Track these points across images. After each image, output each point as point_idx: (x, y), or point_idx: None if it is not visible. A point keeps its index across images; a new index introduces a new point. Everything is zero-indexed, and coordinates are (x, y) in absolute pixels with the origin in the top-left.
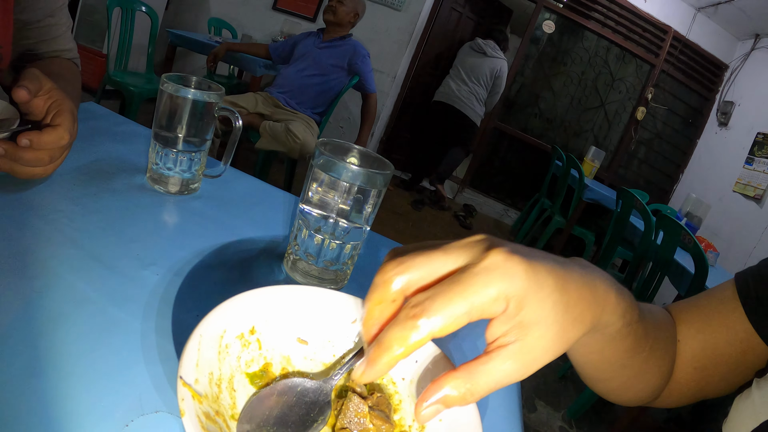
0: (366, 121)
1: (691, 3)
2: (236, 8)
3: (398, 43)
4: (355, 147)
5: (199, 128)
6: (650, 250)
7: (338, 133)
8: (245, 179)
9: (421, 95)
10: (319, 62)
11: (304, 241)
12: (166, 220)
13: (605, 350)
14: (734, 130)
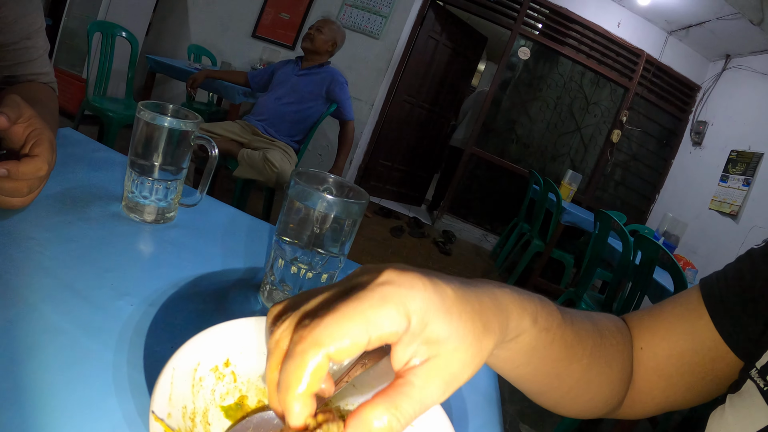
0: (343, 149)
1: (662, 27)
2: (216, 35)
3: (376, 71)
4: (330, 176)
5: (176, 156)
6: (629, 270)
7: (317, 161)
8: (222, 208)
9: (398, 123)
10: (298, 90)
11: (280, 270)
12: (141, 249)
13: (532, 361)
14: (708, 149)
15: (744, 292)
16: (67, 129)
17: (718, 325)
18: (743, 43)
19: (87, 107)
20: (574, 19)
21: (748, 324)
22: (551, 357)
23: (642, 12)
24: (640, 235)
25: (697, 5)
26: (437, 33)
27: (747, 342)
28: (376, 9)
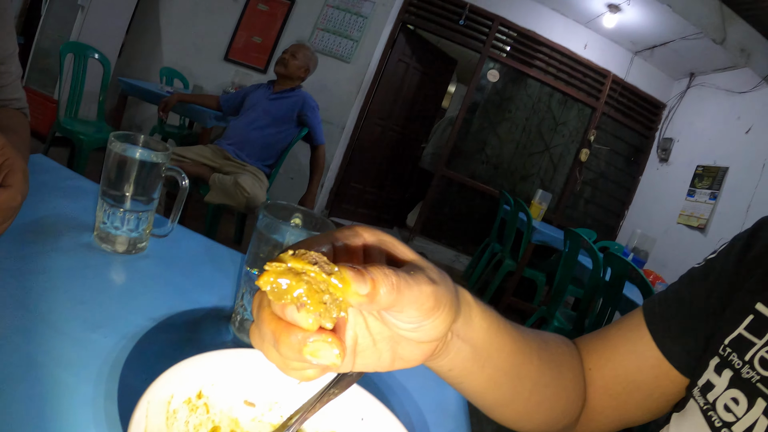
0: (315, 173)
1: (628, 48)
2: (188, 58)
3: (347, 95)
4: (299, 208)
5: (147, 187)
6: (600, 287)
7: (288, 184)
8: (193, 237)
9: (369, 146)
10: (269, 113)
11: (251, 301)
12: (114, 280)
13: (492, 356)
14: (675, 164)
15: (683, 310)
16: (38, 156)
17: (659, 344)
18: (706, 61)
19: (58, 129)
20: (541, 41)
21: (688, 342)
22: (506, 350)
23: (608, 34)
24: (609, 253)
25: (661, 26)
26: (407, 56)
27: (689, 359)
28: (347, 33)
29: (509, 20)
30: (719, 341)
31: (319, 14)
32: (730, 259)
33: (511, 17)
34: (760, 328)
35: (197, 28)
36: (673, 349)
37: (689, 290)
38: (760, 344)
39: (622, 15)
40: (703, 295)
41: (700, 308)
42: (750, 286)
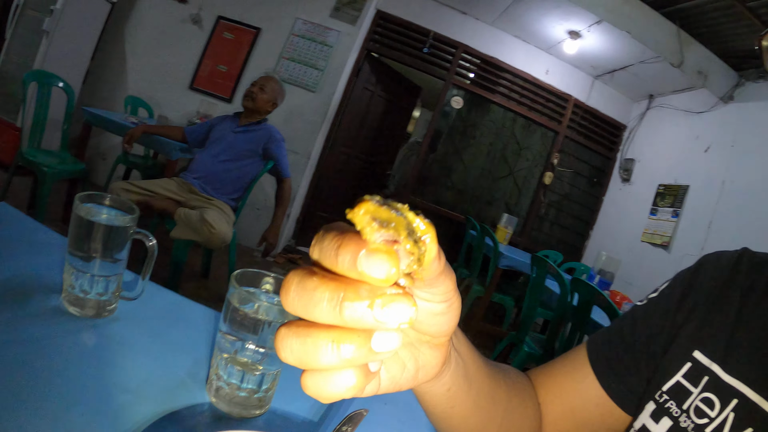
0: (280, 206)
1: (588, 72)
2: (153, 86)
3: (312, 124)
4: (271, 275)
5: (115, 250)
6: (567, 311)
7: (254, 216)
8: (163, 295)
9: (335, 174)
10: (235, 147)
11: (226, 368)
12: (87, 348)
13: (474, 381)
14: (637, 184)
15: (626, 350)
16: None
17: (603, 383)
18: (665, 83)
19: (21, 159)
20: (504, 68)
21: (630, 382)
22: (483, 371)
23: (569, 59)
24: (576, 279)
25: (620, 51)
26: (372, 84)
27: (633, 399)
28: (313, 62)
29: (472, 47)
30: (656, 387)
31: (285, 43)
32: (671, 300)
33: (475, 45)
34: (697, 376)
35: (162, 56)
36: (616, 388)
37: (631, 330)
38: (696, 392)
39: (582, 41)
40: (645, 336)
41: (642, 350)
42: (689, 332)
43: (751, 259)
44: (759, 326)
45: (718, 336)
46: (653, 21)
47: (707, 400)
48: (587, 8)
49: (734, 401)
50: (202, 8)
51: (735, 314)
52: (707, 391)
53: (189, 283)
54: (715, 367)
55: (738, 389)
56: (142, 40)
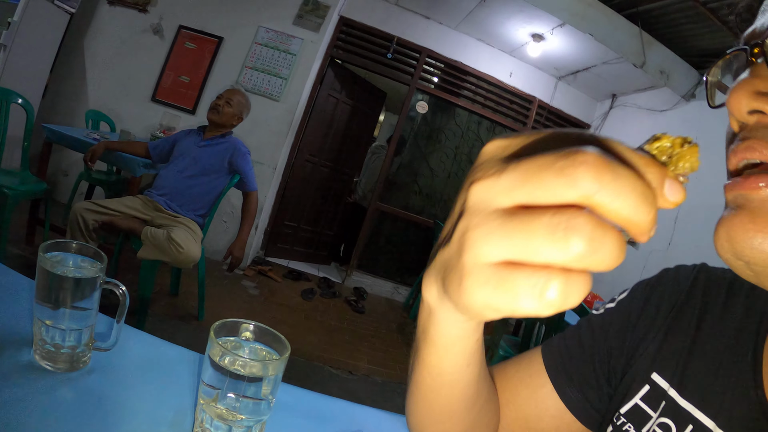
0: (246, 219)
1: (552, 74)
2: (115, 100)
3: (277, 134)
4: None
5: (84, 300)
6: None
7: (221, 228)
8: (137, 339)
9: (301, 183)
10: (199, 162)
11: (212, 422)
12: (62, 406)
13: (476, 356)
14: None
15: (585, 361)
16: None
17: (561, 395)
18: (627, 83)
19: None
20: (468, 71)
21: (590, 395)
22: (481, 359)
23: (532, 62)
24: None
25: (583, 53)
26: (337, 91)
27: (592, 412)
28: (276, 71)
29: (436, 52)
30: (614, 409)
31: (248, 52)
32: (630, 314)
33: (438, 49)
34: (656, 400)
35: (123, 68)
36: (576, 400)
37: (590, 341)
38: (654, 417)
39: (545, 43)
40: (605, 350)
41: (603, 363)
42: (648, 352)
43: (708, 278)
44: (713, 351)
45: (676, 359)
46: (615, 23)
47: (664, 425)
48: (550, 12)
49: (689, 427)
50: (163, 18)
51: (691, 338)
52: (665, 416)
53: (159, 302)
54: (672, 392)
55: (693, 415)
56: (101, 51)
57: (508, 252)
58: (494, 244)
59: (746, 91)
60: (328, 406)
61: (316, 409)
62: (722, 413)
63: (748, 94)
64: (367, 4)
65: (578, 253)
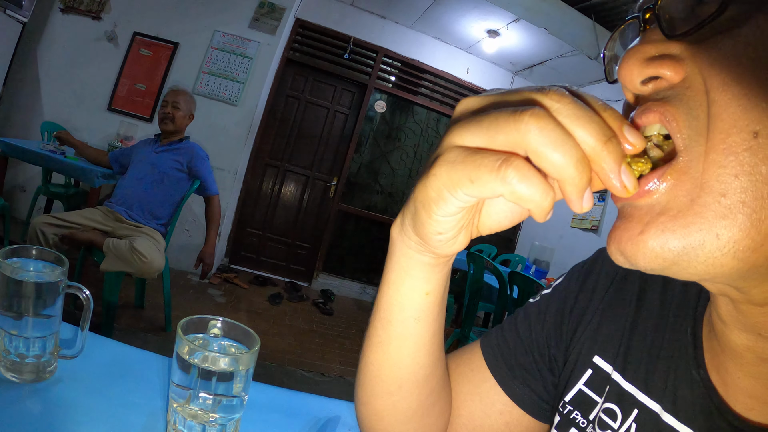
0: (212, 225)
1: (508, 69)
2: (70, 110)
3: (237, 139)
4: (219, 320)
5: (48, 307)
6: (508, 304)
7: (185, 237)
8: (103, 345)
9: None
10: (158, 167)
11: (185, 422)
12: (32, 417)
13: (441, 311)
14: None
15: (524, 351)
16: None
17: (506, 389)
18: (583, 75)
19: None
20: (425, 69)
21: (536, 386)
22: (432, 326)
23: (488, 58)
24: (513, 272)
25: (538, 47)
26: (299, 91)
27: (541, 403)
28: (233, 75)
29: (393, 51)
30: (560, 397)
31: (204, 57)
32: (567, 297)
33: (395, 48)
34: (600, 384)
35: (78, 77)
36: (521, 394)
37: (527, 331)
38: (600, 402)
39: (501, 39)
40: (543, 337)
41: (542, 352)
42: (587, 335)
43: None
44: (654, 330)
45: (617, 341)
46: (569, 16)
47: (609, 411)
48: (505, 7)
49: (635, 411)
50: (117, 25)
51: (632, 317)
52: (610, 401)
53: (124, 315)
54: (616, 375)
55: (637, 398)
56: (55, 61)
57: (465, 170)
58: (457, 160)
59: (636, 59)
60: (303, 401)
61: (290, 405)
62: (667, 396)
63: (639, 61)
64: (323, 6)
65: (510, 180)
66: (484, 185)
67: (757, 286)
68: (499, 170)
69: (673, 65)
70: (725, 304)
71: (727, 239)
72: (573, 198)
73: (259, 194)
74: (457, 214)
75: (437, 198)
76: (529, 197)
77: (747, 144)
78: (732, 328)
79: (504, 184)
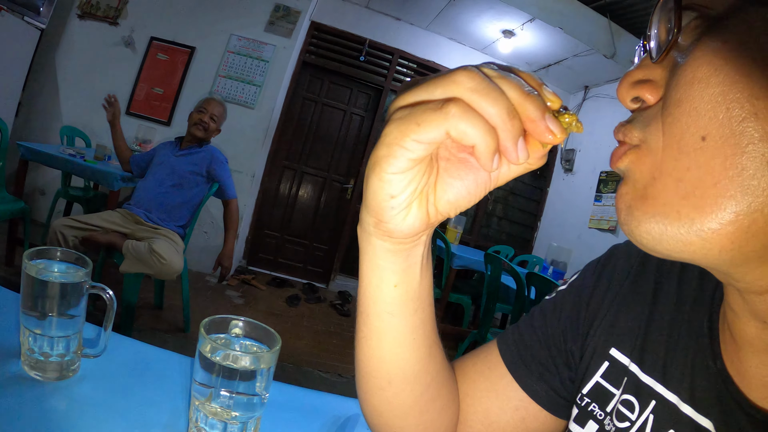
0: (229, 229)
1: (524, 68)
2: (88, 114)
3: (254, 141)
4: (240, 319)
5: (72, 307)
6: (526, 305)
7: (203, 240)
8: (126, 345)
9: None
10: (177, 171)
11: (206, 420)
12: (55, 416)
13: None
14: (579, 173)
15: (540, 347)
16: None
17: (523, 386)
18: (599, 74)
19: None
20: (441, 70)
21: (552, 382)
22: (429, 318)
23: (504, 58)
24: (531, 273)
25: (553, 47)
26: (315, 94)
27: (557, 399)
28: (250, 78)
29: (409, 53)
30: (577, 389)
31: (221, 61)
32: (582, 292)
33: (410, 50)
34: (617, 377)
35: (96, 82)
36: (539, 390)
37: (543, 326)
38: (618, 394)
39: (516, 39)
40: (559, 331)
41: (558, 347)
42: (604, 328)
43: None
44: (671, 322)
45: (634, 333)
46: (584, 15)
47: (627, 402)
48: (520, 7)
49: (652, 402)
50: (134, 30)
51: (648, 310)
52: (627, 392)
53: (144, 316)
54: (633, 367)
55: (655, 389)
56: (74, 66)
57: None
58: (403, 115)
59: (626, 82)
60: (322, 401)
61: (309, 404)
62: (684, 386)
63: (628, 84)
64: (338, 8)
65: (454, 115)
66: (429, 125)
67: (749, 273)
68: (443, 108)
69: (650, 89)
70: (733, 293)
71: (687, 217)
72: (508, 145)
73: (277, 196)
74: (408, 171)
75: (386, 155)
76: (473, 133)
77: (697, 145)
78: (742, 317)
79: (448, 119)
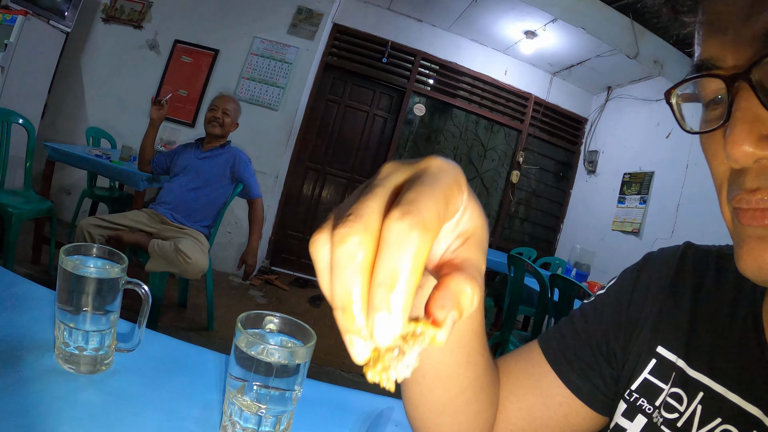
0: (254, 228)
1: (546, 69)
2: (114, 116)
3: (278, 143)
4: (275, 315)
5: (107, 302)
6: (549, 307)
7: (227, 239)
8: (159, 341)
9: (305, 192)
10: (202, 173)
11: (241, 413)
12: (89, 408)
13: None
14: (602, 175)
15: (582, 347)
16: None
17: (567, 382)
18: (622, 74)
19: None
20: (463, 71)
21: (595, 379)
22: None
23: (526, 59)
24: (554, 275)
25: (576, 47)
26: (338, 94)
27: (600, 396)
28: (273, 80)
29: (431, 54)
30: (625, 386)
31: (244, 63)
32: (621, 296)
33: (433, 51)
34: (665, 372)
35: (121, 85)
36: (582, 386)
37: (584, 329)
38: (666, 389)
39: (538, 40)
40: (600, 333)
41: (600, 348)
42: (648, 328)
43: (696, 253)
44: (714, 319)
45: (678, 331)
46: (607, 15)
47: (675, 395)
48: (542, 8)
49: (700, 394)
50: (158, 33)
51: (690, 309)
52: (675, 386)
53: (168, 315)
54: (681, 363)
55: (703, 382)
56: (99, 69)
57: None
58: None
59: (750, 140)
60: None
61: (340, 400)
62: (731, 378)
63: (753, 141)
64: (360, 10)
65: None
66: None
67: None
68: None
69: None
70: None
71: None
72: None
73: (300, 197)
74: None
75: None
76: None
77: None
78: None
79: None
